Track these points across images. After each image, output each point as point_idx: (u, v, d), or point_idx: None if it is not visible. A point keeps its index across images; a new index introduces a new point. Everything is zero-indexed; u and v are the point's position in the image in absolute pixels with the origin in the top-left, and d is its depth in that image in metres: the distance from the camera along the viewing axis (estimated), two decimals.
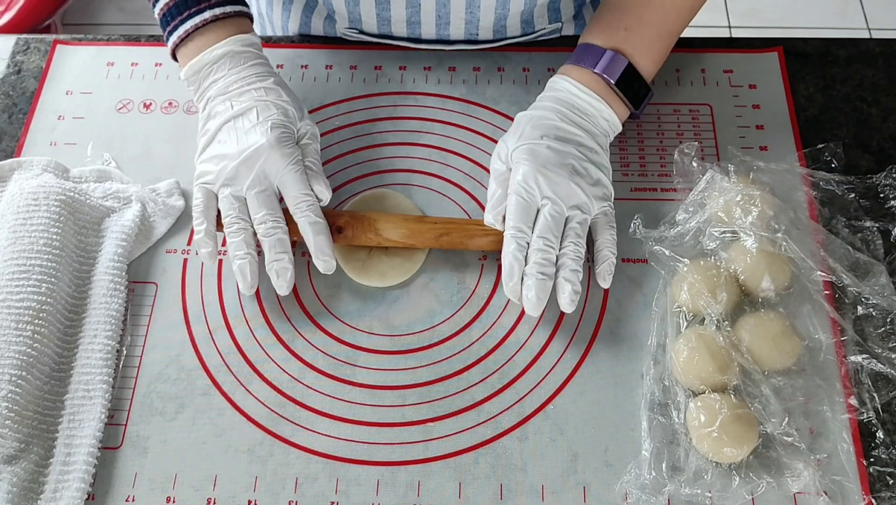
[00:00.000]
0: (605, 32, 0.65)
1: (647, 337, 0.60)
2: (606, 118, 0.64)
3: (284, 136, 0.62)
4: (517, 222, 0.60)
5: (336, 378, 0.61)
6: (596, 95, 0.64)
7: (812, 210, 0.65)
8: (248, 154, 0.60)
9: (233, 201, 0.61)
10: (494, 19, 0.72)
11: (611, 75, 0.63)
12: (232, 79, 0.63)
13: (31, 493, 0.55)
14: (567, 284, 0.59)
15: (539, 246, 0.59)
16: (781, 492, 0.54)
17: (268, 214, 0.60)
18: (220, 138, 0.62)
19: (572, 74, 0.65)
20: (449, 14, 0.71)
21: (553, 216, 0.60)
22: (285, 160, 0.61)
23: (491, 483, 0.56)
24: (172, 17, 0.63)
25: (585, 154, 0.62)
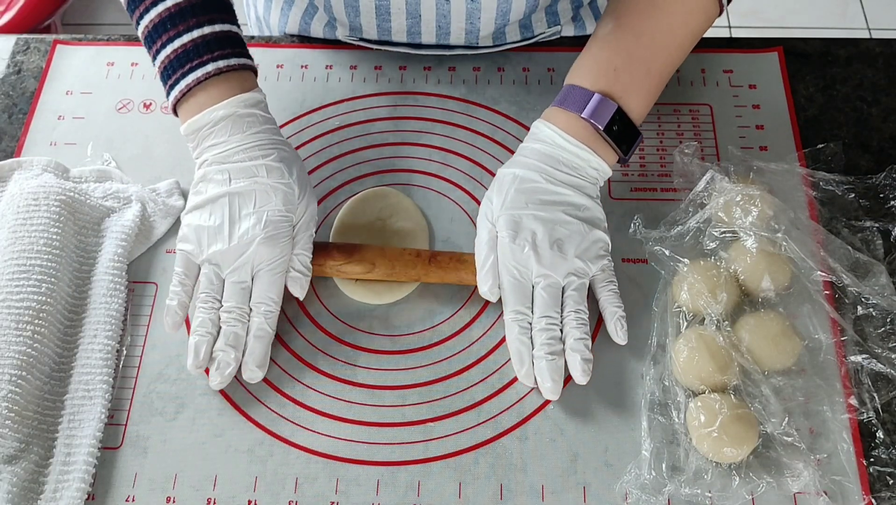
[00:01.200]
0: (592, 73, 0.61)
1: (647, 337, 0.60)
2: (595, 167, 0.60)
3: (277, 232, 0.59)
4: (515, 305, 0.58)
5: (336, 378, 0.61)
6: (582, 145, 0.60)
7: (812, 210, 0.65)
8: (236, 244, 0.58)
9: (213, 279, 0.59)
10: (494, 28, 0.72)
11: (599, 121, 0.59)
12: (233, 147, 0.60)
13: (31, 493, 0.55)
14: (576, 354, 0.57)
15: (542, 326, 0.57)
16: (781, 492, 0.54)
17: (235, 307, 0.59)
18: (212, 211, 0.59)
19: (557, 121, 0.61)
20: (449, 25, 0.71)
21: (550, 292, 0.58)
22: (269, 261, 0.59)
23: (491, 483, 0.56)
24: (174, 71, 0.60)
25: (575, 214, 0.59)
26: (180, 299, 0.59)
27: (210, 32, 0.60)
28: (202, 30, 0.59)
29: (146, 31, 0.61)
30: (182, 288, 0.59)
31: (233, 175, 0.59)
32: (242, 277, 0.59)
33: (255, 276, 0.60)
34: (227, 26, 0.61)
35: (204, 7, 0.60)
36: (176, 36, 0.59)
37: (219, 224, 0.59)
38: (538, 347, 0.57)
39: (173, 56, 0.60)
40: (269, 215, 0.59)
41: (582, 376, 0.57)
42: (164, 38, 0.60)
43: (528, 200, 0.59)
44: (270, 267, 0.59)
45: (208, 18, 0.60)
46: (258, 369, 0.58)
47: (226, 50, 0.60)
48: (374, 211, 0.67)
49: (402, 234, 0.66)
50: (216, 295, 0.59)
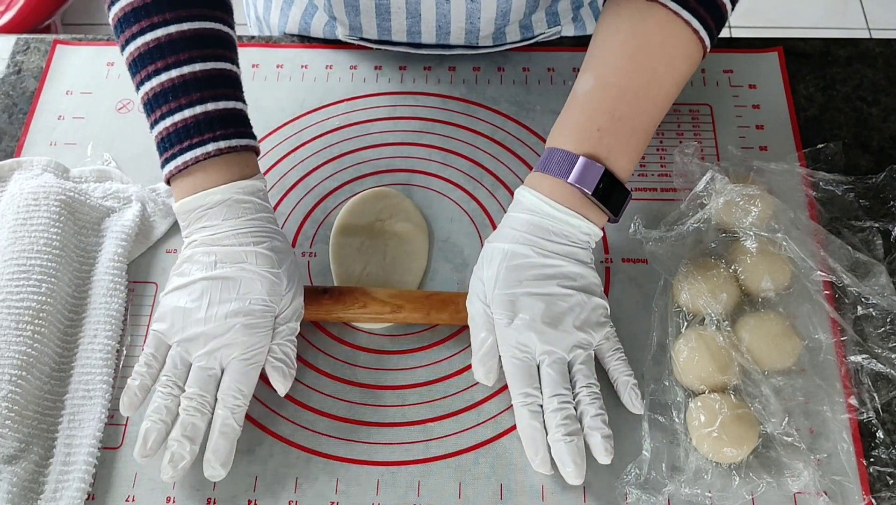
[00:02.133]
0: (575, 135, 0.58)
1: (647, 337, 0.60)
2: (586, 232, 0.57)
3: (257, 322, 0.55)
4: (523, 387, 0.55)
5: (336, 378, 0.61)
6: (571, 211, 0.56)
7: (812, 210, 0.65)
8: (212, 327, 0.55)
9: (177, 363, 0.55)
10: (494, 28, 0.72)
11: (586, 186, 0.56)
12: (225, 232, 0.56)
13: (31, 493, 0.55)
14: (595, 432, 0.54)
15: (555, 406, 0.54)
16: (781, 492, 0.54)
17: (197, 394, 0.54)
18: (192, 292, 0.56)
19: (543, 188, 0.57)
20: (449, 24, 0.71)
21: (556, 368, 0.55)
22: (244, 351, 0.55)
23: (491, 483, 0.56)
24: (171, 144, 0.57)
25: (570, 285, 0.56)
26: (142, 381, 0.55)
27: (214, 109, 0.57)
28: (205, 106, 0.56)
29: (147, 97, 0.57)
30: (147, 369, 0.56)
31: (219, 259, 0.56)
32: (211, 363, 0.55)
33: (227, 366, 0.55)
34: (234, 103, 0.58)
35: (211, 82, 0.57)
36: (178, 109, 0.56)
37: (196, 306, 0.55)
38: (553, 430, 0.54)
39: (172, 129, 0.56)
40: (252, 304, 0.55)
41: (605, 456, 0.54)
42: (164, 109, 0.57)
43: (520, 278, 0.56)
44: (244, 357, 0.55)
45: (213, 94, 0.57)
46: (221, 468, 0.54)
47: (229, 129, 0.57)
48: (373, 212, 0.67)
49: (402, 236, 0.66)
50: (178, 381, 0.55)
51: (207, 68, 0.57)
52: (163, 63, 0.56)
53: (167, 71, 0.56)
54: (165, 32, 0.56)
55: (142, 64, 0.57)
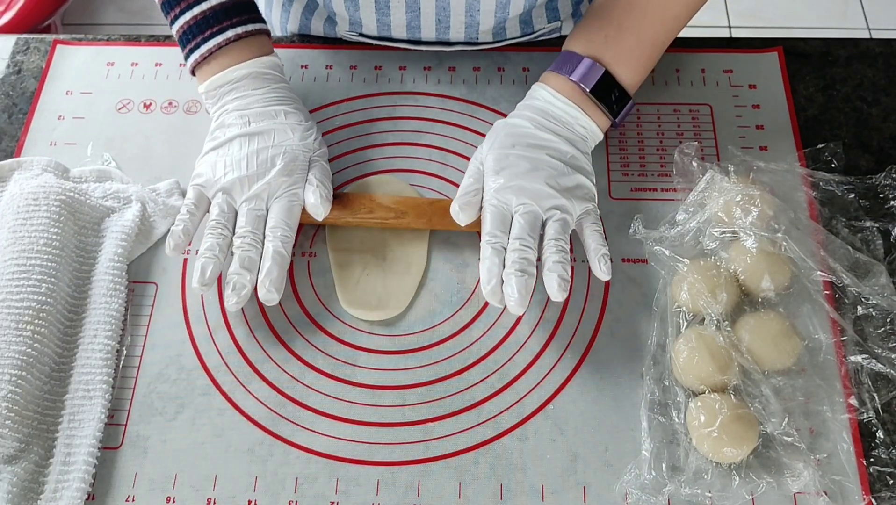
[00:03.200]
0: (584, 40, 0.65)
1: (647, 337, 0.60)
2: (583, 125, 0.64)
3: (293, 164, 0.62)
4: (492, 228, 0.59)
5: (336, 378, 0.61)
6: (571, 103, 0.63)
7: (812, 210, 0.65)
8: (255, 171, 0.61)
9: (225, 209, 0.61)
10: (494, 23, 0.72)
11: (586, 83, 0.63)
12: (255, 98, 0.64)
13: (31, 493, 0.55)
14: (552, 273, 0.57)
15: (515, 247, 0.58)
16: (781, 492, 0.54)
17: (250, 231, 0.60)
18: (229, 150, 0.62)
19: (550, 82, 0.65)
20: (449, 18, 0.71)
21: (527, 218, 0.59)
22: (285, 188, 0.62)
23: (491, 483, 0.56)
24: (193, 36, 0.64)
25: (561, 158, 0.61)
26: (185, 226, 0.61)
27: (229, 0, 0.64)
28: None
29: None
30: (190, 217, 0.61)
31: (252, 119, 0.63)
32: (258, 204, 0.61)
33: (271, 205, 0.62)
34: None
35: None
36: (196, 3, 0.64)
37: (237, 156, 0.62)
38: (508, 266, 0.57)
39: (193, 22, 0.64)
40: (288, 149, 0.63)
41: (558, 292, 0.57)
42: (182, 5, 0.64)
43: (514, 143, 0.62)
44: (287, 194, 0.62)
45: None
46: (275, 291, 0.59)
47: (243, 16, 0.64)
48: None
49: (401, 232, 0.66)
50: (227, 224, 0.61)
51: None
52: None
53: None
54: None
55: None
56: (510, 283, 0.57)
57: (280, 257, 0.60)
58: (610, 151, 0.70)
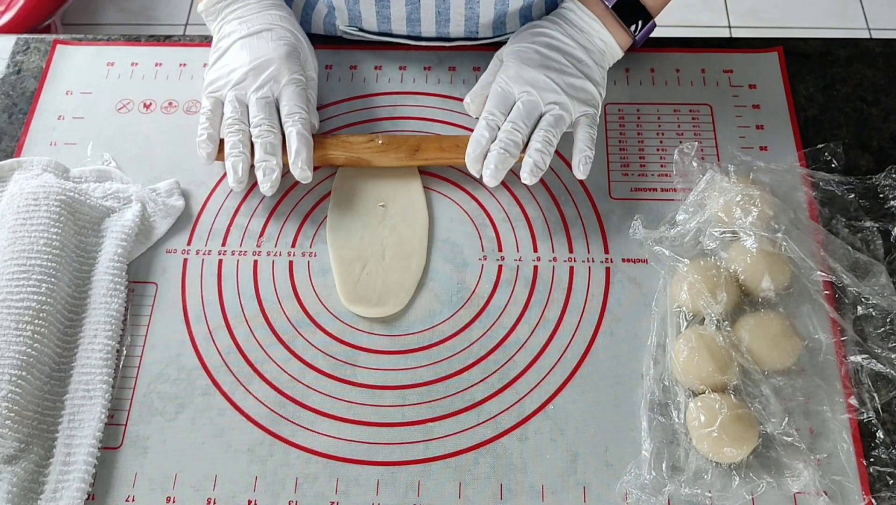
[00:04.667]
0: None
1: (647, 337, 0.60)
2: (603, 39, 0.67)
3: (294, 52, 0.67)
4: (491, 108, 0.64)
5: (336, 378, 0.61)
6: (593, 15, 0.67)
7: (812, 210, 0.65)
8: (259, 62, 0.65)
9: (237, 105, 0.65)
10: (494, 16, 0.72)
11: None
12: (252, 6, 0.68)
13: (31, 493, 0.55)
14: (529, 158, 0.62)
15: (507, 128, 0.63)
16: (781, 492, 0.54)
17: (264, 119, 0.64)
18: (233, 52, 0.66)
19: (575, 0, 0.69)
20: (449, 10, 0.71)
21: (526, 105, 0.63)
22: (291, 73, 0.65)
23: (491, 483, 0.56)
24: None
25: (574, 64, 0.66)
26: (209, 133, 0.65)
27: None
28: None
29: None
30: (209, 122, 0.65)
31: (251, 22, 0.67)
32: (266, 93, 0.65)
33: (280, 94, 0.65)
34: None
35: None
36: None
37: (240, 55, 0.66)
38: (495, 142, 0.62)
39: None
40: (287, 41, 0.67)
41: (529, 176, 0.62)
42: None
43: (534, 41, 0.66)
44: (293, 79, 0.65)
45: None
46: (307, 168, 0.64)
47: None
48: (376, 189, 0.68)
49: (401, 230, 0.66)
50: (243, 119, 0.65)
51: None
52: None
53: None
54: None
55: None
56: (491, 157, 0.62)
57: (304, 139, 0.64)
58: (610, 151, 0.70)
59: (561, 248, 0.65)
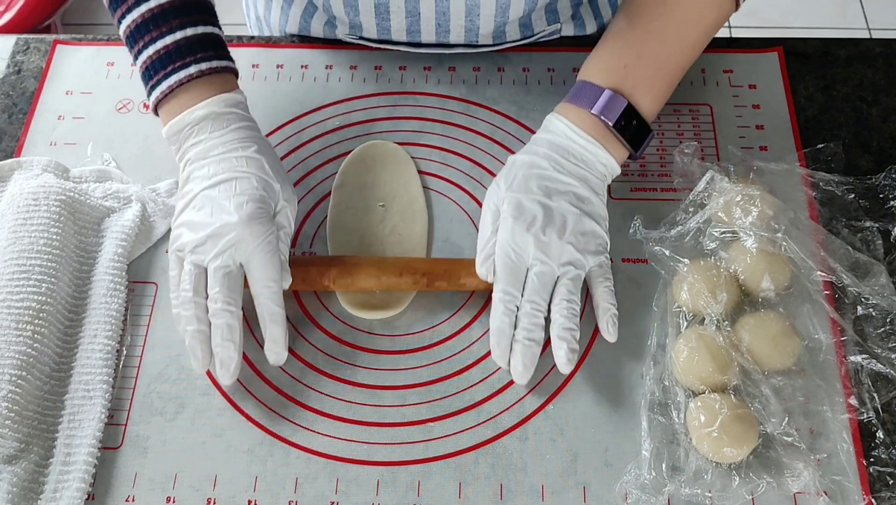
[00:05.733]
0: (603, 69, 0.62)
1: (647, 337, 0.60)
2: (604, 162, 0.61)
3: (259, 211, 0.58)
4: (505, 285, 0.58)
5: (336, 378, 0.61)
6: (592, 139, 0.61)
7: (812, 210, 0.65)
8: (218, 227, 0.57)
9: (192, 271, 0.57)
10: (494, 27, 0.72)
11: (609, 117, 0.60)
12: (213, 143, 0.60)
13: (31, 493, 0.55)
14: (562, 342, 0.56)
15: (527, 310, 0.57)
16: (781, 492, 0.54)
17: (220, 293, 0.56)
18: (196, 205, 0.58)
19: (568, 114, 0.62)
20: (448, 23, 0.71)
21: (541, 277, 0.58)
22: (256, 239, 0.57)
23: (491, 483, 0.56)
24: (155, 71, 0.60)
25: (578, 206, 0.59)
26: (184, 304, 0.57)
27: (193, 34, 0.60)
28: (185, 31, 0.60)
29: (128, 30, 0.61)
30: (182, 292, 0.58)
31: (213, 170, 0.59)
32: (226, 261, 0.57)
33: (247, 261, 0.57)
34: (210, 28, 0.62)
35: (186, 9, 0.61)
36: (159, 37, 0.60)
37: (201, 214, 0.58)
38: (518, 330, 0.57)
39: (156, 57, 0.60)
40: (250, 198, 0.58)
41: (566, 365, 0.57)
42: (146, 39, 0.60)
43: (533, 185, 0.60)
44: (259, 246, 0.57)
45: (191, 20, 0.60)
46: (283, 351, 0.58)
47: (208, 52, 0.61)
48: (376, 187, 0.67)
49: (400, 231, 0.66)
50: (199, 289, 0.57)
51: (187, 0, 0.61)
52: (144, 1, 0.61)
53: (147, 2, 0.60)
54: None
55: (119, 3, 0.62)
56: (517, 353, 0.57)
57: (276, 316, 0.57)
58: None
59: None
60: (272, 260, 0.57)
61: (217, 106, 0.60)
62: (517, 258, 0.58)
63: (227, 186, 0.58)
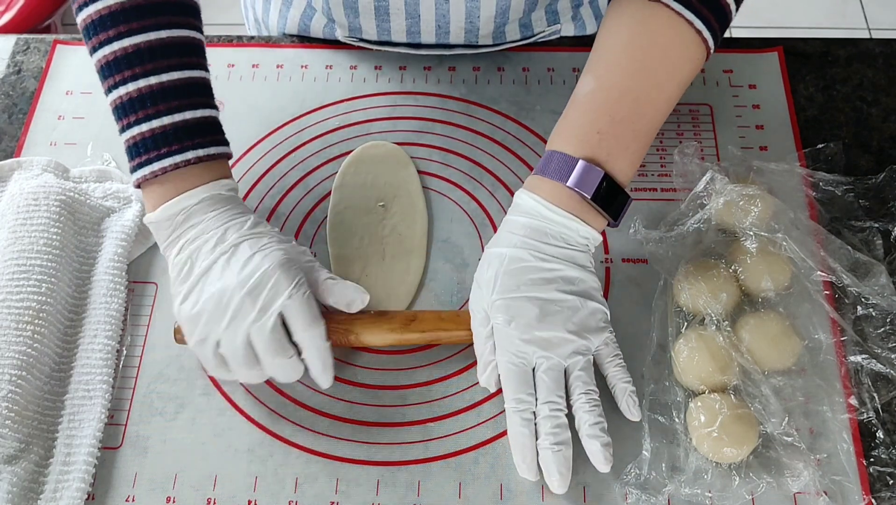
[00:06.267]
0: (575, 137, 0.57)
1: (647, 337, 0.60)
2: (585, 235, 0.56)
3: (289, 259, 0.55)
4: (516, 393, 0.54)
5: (336, 378, 0.60)
6: (569, 215, 0.56)
7: (812, 210, 0.65)
8: (254, 282, 0.53)
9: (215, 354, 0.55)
10: (494, 28, 0.72)
11: (586, 190, 0.55)
12: (216, 222, 0.56)
13: (31, 493, 0.55)
14: (594, 441, 0.53)
15: (545, 413, 0.54)
16: (781, 492, 0.54)
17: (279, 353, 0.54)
18: (213, 275, 0.54)
19: (542, 191, 0.57)
20: (448, 24, 0.71)
21: (551, 374, 0.54)
22: (289, 286, 0.54)
23: (491, 483, 0.56)
24: (146, 150, 0.56)
25: (569, 289, 0.56)
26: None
27: (192, 118, 0.57)
28: (183, 114, 0.56)
29: (122, 100, 0.56)
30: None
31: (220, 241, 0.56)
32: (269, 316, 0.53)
33: (284, 309, 0.54)
34: (209, 112, 0.58)
35: (188, 90, 0.57)
36: (155, 115, 0.56)
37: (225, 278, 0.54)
38: (542, 437, 0.53)
39: (150, 135, 0.56)
40: (275, 247, 0.56)
41: (605, 465, 0.54)
42: (140, 115, 0.56)
43: (518, 283, 0.55)
44: (293, 291, 0.54)
45: (190, 103, 0.57)
46: (331, 380, 0.57)
47: (206, 137, 0.57)
48: (376, 187, 0.67)
49: (400, 231, 0.66)
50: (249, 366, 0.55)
51: (185, 77, 0.57)
52: (141, 69, 0.56)
53: (145, 77, 0.56)
54: (144, 39, 0.56)
55: (117, 68, 0.56)
56: (549, 462, 0.53)
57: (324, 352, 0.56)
58: None
59: None
60: (310, 303, 0.55)
61: (219, 189, 0.57)
62: (521, 362, 0.55)
63: (243, 248, 0.55)
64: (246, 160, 0.71)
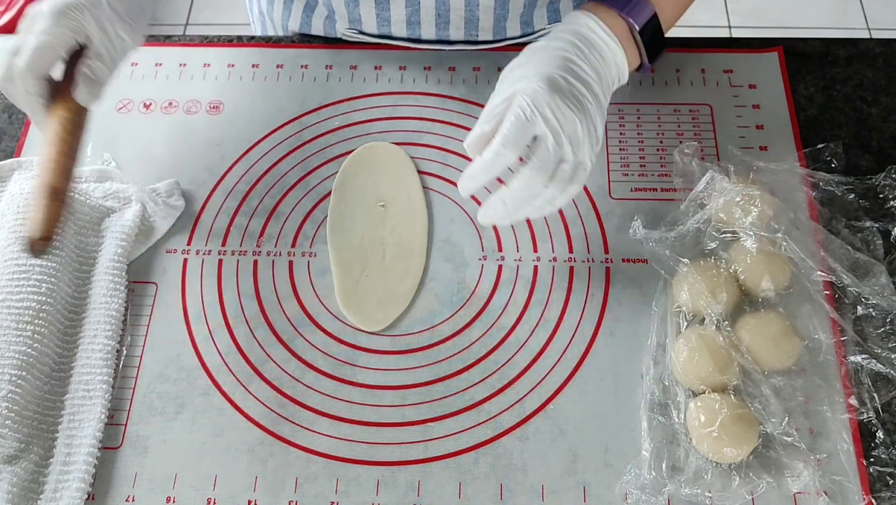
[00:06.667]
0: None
1: (647, 337, 0.60)
2: (619, 64, 0.59)
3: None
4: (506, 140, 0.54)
5: (336, 378, 0.61)
6: (616, 39, 0.59)
7: (812, 210, 0.65)
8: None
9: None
10: (494, 20, 0.72)
11: (636, 21, 0.59)
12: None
13: (31, 493, 0.55)
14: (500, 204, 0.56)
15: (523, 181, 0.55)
16: (781, 492, 0.54)
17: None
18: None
19: (597, 12, 0.60)
20: (448, 13, 0.71)
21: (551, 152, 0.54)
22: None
23: (491, 483, 0.56)
24: None
25: (592, 100, 0.57)
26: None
27: None
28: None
29: None
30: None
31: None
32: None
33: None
34: None
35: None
36: None
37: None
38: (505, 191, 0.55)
39: None
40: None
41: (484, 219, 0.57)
42: None
43: (561, 66, 0.56)
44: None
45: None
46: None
47: None
48: (375, 190, 0.67)
49: (400, 232, 0.66)
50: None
51: None
52: None
53: None
54: None
55: None
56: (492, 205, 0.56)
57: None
58: (610, 151, 0.70)
59: (561, 248, 0.65)
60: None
61: None
62: (532, 117, 0.53)
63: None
64: (246, 160, 0.71)
